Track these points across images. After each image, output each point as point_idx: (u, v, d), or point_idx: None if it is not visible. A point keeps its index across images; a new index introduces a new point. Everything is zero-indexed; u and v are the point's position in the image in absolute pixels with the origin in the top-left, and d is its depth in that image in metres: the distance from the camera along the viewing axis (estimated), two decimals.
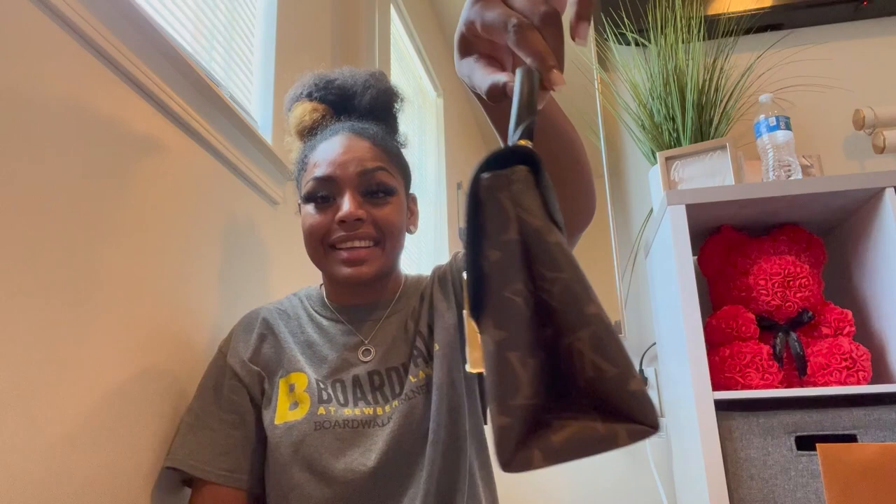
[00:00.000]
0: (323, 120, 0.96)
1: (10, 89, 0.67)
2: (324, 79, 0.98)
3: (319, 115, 0.96)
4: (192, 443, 0.85)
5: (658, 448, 1.61)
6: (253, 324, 0.95)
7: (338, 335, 0.92)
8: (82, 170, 0.76)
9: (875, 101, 1.66)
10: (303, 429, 0.83)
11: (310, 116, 0.96)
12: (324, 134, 0.93)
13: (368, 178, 0.87)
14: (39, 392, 0.68)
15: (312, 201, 0.89)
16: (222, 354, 0.92)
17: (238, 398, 0.88)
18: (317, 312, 0.95)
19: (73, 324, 0.73)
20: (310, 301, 0.98)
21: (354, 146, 0.89)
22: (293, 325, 0.94)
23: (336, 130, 0.92)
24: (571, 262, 0.35)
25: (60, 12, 0.73)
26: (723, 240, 1.43)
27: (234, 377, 0.89)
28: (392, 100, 1.00)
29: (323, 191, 0.88)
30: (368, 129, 0.92)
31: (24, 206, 0.68)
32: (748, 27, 1.73)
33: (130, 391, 0.82)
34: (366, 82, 0.98)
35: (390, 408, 0.85)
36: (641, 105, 1.67)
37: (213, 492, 0.84)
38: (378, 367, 0.88)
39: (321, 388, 0.87)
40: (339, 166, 0.87)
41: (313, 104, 0.97)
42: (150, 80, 0.89)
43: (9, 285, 0.65)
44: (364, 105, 0.97)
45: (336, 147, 0.89)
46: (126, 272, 0.83)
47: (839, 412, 1.19)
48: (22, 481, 0.64)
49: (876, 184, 1.28)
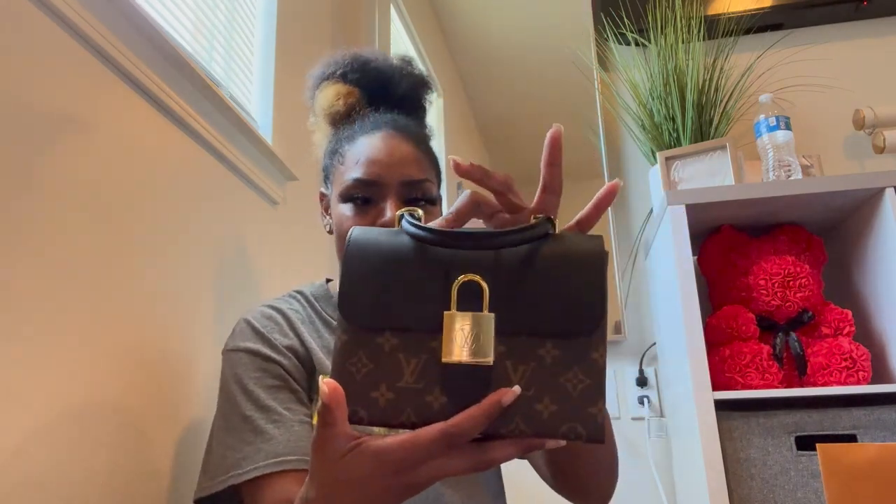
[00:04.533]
0: (357, 106, 0.91)
1: (11, 89, 0.67)
2: (359, 59, 0.92)
3: (354, 100, 0.91)
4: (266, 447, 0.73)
5: (658, 448, 1.61)
6: (268, 314, 0.85)
7: None
8: (82, 170, 0.76)
9: (875, 101, 1.66)
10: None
11: (344, 101, 0.90)
12: (363, 125, 0.88)
13: (413, 188, 0.83)
14: (16, 393, 0.68)
15: (351, 201, 0.83)
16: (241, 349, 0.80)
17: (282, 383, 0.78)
18: (330, 316, 0.89)
19: (71, 323, 0.73)
20: (319, 302, 0.91)
21: (400, 149, 0.84)
22: (309, 328, 0.86)
23: (378, 125, 0.87)
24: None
25: (60, 12, 0.73)
26: (723, 240, 1.43)
27: (270, 361, 0.79)
28: (425, 89, 0.96)
29: (364, 192, 0.83)
30: (410, 126, 0.87)
31: (24, 205, 0.67)
32: (748, 27, 1.73)
33: (125, 390, 0.82)
34: (402, 69, 0.93)
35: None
36: (641, 105, 1.67)
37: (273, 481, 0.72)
38: None
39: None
40: (384, 169, 0.82)
41: (348, 87, 0.91)
42: (150, 80, 0.89)
43: (8, 285, 0.65)
44: (399, 94, 0.92)
45: (380, 146, 0.84)
46: (125, 272, 0.83)
47: (839, 412, 1.19)
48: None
49: (876, 184, 1.28)
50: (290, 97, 1.41)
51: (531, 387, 0.47)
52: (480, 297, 0.47)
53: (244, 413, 0.75)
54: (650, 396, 1.65)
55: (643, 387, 1.66)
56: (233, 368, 0.80)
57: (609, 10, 1.81)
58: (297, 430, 0.74)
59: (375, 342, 0.48)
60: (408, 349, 0.48)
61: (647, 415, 1.63)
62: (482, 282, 0.47)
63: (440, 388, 0.47)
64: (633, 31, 1.75)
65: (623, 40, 1.79)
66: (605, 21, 1.80)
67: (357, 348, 0.48)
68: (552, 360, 0.47)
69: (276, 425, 0.74)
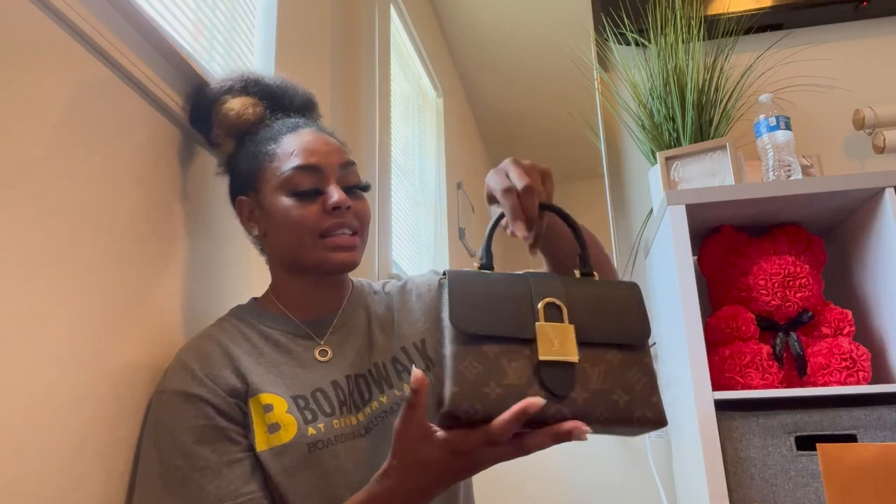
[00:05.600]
0: (264, 116, 0.94)
1: (11, 89, 0.67)
2: (252, 76, 0.97)
3: (261, 109, 0.95)
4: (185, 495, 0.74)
5: (658, 448, 1.61)
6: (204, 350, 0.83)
7: (300, 349, 0.87)
8: (81, 170, 0.76)
9: (875, 101, 1.66)
10: (295, 454, 0.78)
11: (252, 110, 0.93)
12: (282, 127, 0.91)
13: (348, 171, 0.89)
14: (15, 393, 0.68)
15: (295, 194, 0.85)
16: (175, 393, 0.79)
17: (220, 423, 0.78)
18: (268, 327, 0.88)
19: (65, 323, 0.73)
20: (253, 317, 0.89)
21: (329, 140, 0.90)
22: (246, 347, 0.85)
23: (298, 125, 0.91)
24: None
25: (60, 12, 0.73)
26: (723, 240, 1.43)
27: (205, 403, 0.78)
28: (313, 105, 1.03)
29: (308, 181, 0.85)
30: (323, 127, 0.94)
31: (24, 205, 0.67)
32: (748, 27, 1.73)
33: (122, 390, 0.82)
34: (289, 86, 0.99)
35: (363, 415, 0.85)
36: (641, 105, 1.67)
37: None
38: (350, 372, 0.87)
39: (301, 406, 0.81)
40: (323, 156, 0.87)
41: (254, 99, 0.95)
42: (150, 80, 0.89)
43: (7, 284, 0.65)
44: (296, 106, 0.98)
45: (311, 138, 0.88)
46: (124, 271, 0.83)
47: (839, 412, 1.19)
48: None
49: (876, 184, 1.28)
50: None
51: (607, 382, 0.61)
52: (560, 315, 0.62)
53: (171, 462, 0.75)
54: None
55: None
56: (159, 412, 0.79)
57: (609, 10, 1.80)
58: (225, 473, 0.75)
59: (481, 350, 0.60)
60: (508, 355, 0.60)
61: None
62: (560, 302, 0.63)
63: (538, 384, 0.59)
64: (633, 30, 1.75)
65: (623, 40, 1.79)
66: (605, 21, 1.80)
67: (467, 354, 0.59)
68: (617, 363, 0.62)
69: (201, 473, 0.74)
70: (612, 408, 0.60)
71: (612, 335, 0.63)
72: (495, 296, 0.62)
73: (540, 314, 0.61)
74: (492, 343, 0.60)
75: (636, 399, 0.61)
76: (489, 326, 0.61)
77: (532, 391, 0.58)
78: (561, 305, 0.62)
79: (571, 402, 0.59)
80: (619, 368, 0.62)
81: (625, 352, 0.63)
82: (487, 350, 0.60)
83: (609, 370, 0.61)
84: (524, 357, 0.60)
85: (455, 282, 0.63)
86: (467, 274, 0.64)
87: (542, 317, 0.61)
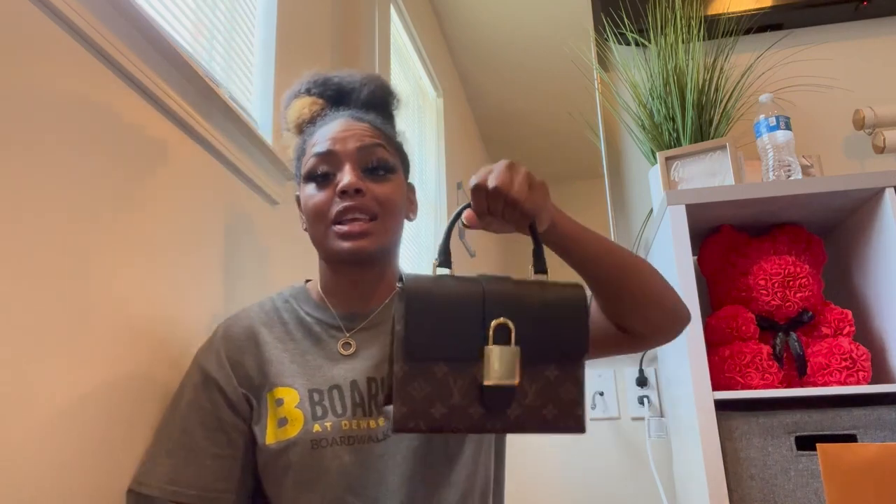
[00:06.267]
0: (322, 113, 0.95)
1: (11, 89, 0.67)
2: (322, 76, 0.98)
3: (319, 108, 0.95)
4: (169, 465, 0.81)
5: (658, 448, 1.61)
6: (235, 333, 0.89)
7: (330, 340, 0.88)
8: (81, 170, 0.76)
9: (875, 101, 1.66)
10: (298, 449, 0.80)
11: (309, 109, 0.95)
12: (322, 122, 0.92)
13: (368, 153, 0.87)
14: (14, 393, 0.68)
15: (313, 180, 0.87)
16: (202, 369, 0.86)
17: (224, 414, 0.84)
18: (307, 314, 0.91)
19: (68, 322, 0.73)
20: (296, 301, 0.93)
21: (353, 126, 0.89)
22: (279, 332, 0.89)
23: (334, 117, 0.91)
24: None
25: (60, 12, 0.73)
26: (723, 240, 1.43)
27: (219, 391, 0.84)
28: (389, 97, 1.00)
29: (323, 167, 0.86)
30: (365, 117, 0.92)
31: (24, 205, 0.67)
32: (748, 27, 1.73)
33: (121, 392, 0.82)
34: (363, 79, 0.98)
35: (383, 421, 0.82)
36: (641, 105, 1.67)
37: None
38: (374, 374, 0.85)
39: (315, 401, 0.83)
40: (338, 142, 0.86)
41: (312, 98, 0.96)
42: (150, 80, 0.89)
43: (6, 284, 0.65)
44: (362, 99, 0.96)
45: (335, 126, 0.89)
46: (124, 271, 0.83)
47: (839, 412, 1.19)
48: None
49: (876, 184, 1.28)
50: None
51: (540, 398, 0.65)
52: (508, 337, 0.64)
53: (175, 424, 0.83)
54: (650, 396, 1.65)
55: (643, 387, 1.66)
56: (186, 378, 0.87)
57: (609, 10, 1.80)
58: (208, 464, 0.81)
59: (430, 370, 0.63)
60: (455, 374, 0.63)
61: (647, 415, 1.63)
62: (511, 324, 0.64)
63: (478, 402, 0.64)
64: (633, 30, 1.75)
65: (623, 40, 1.78)
66: (605, 21, 1.80)
67: (416, 376, 0.62)
68: (553, 378, 0.67)
69: (188, 453, 0.82)
70: (541, 421, 0.65)
71: (554, 351, 0.67)
72: (447, 312, 0.65)
73: (489, 336, 0.64)
74: (442, 364, 0.63)
75: (563, 412, 0.66)
76: (440, 350, 0.64)
77: (473, 409, 0.63)
78: (510, 327, 0.64)
79: (505, 419, 0.64)
80: (554, 383, 0.66)
81: (562, 366, 0.67)
82: (437, 370, 0.63)
83: (545, 386, 0.66)
84: (470, 376, 0.64)
85: (412, 295, 0.65)
86: (424, 283, 0.66)
87: (490, 339, 0.64)
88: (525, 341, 0.65)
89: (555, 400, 0.66)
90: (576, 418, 0.67)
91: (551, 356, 0.67)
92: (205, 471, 0.81)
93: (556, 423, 0.66)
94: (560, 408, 0.66)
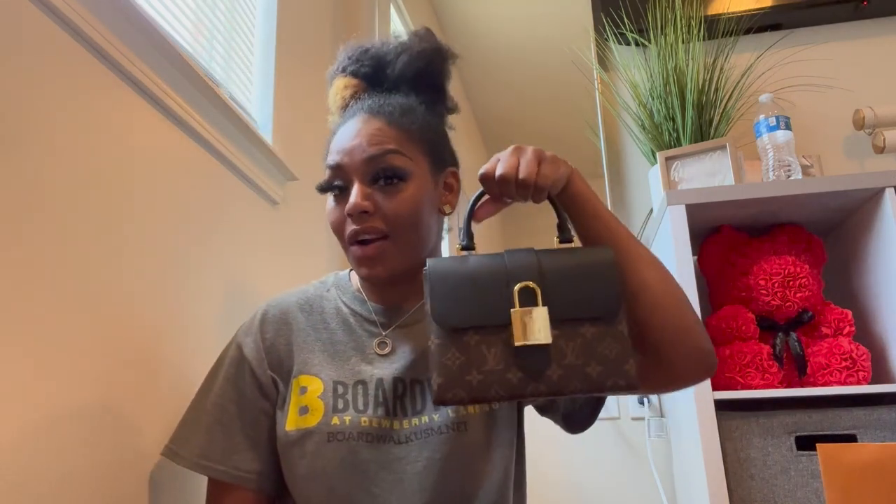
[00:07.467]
0: (355, 96, 0.90)
1: (10, 89, 0.67)
2: (359, 49, 0.92)
3: (350, 91, 0.91)
4: (202, 439, 0.82)
5: (658, 448, 1.61)
6: (273, 315, 0.89)
7: (364, 335, 0.86)
8: (81, 170, 0.76)
9: (875, 101, 1.66)
10: (314, 440, 0.79)
11: (341, 94, 0.91)
12: (344, 117, 0.88)
13: (375, 163, 0.81)
14: (21, 387, 0.68)
15: (330, 191, 0.85)
16: (239, 347, 0.87)
17: (253, 396, 0.85)
18: (345, 304, 0.89)
19: (67, 323, 0.73)
20: (339, 290, 0.91)
21: (366, 129, 0.82)
22: (315, 320, 0.88)
23: (354, 112, 0.86)
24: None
25: (60, 12, 0.73)
26: (723, 240, 1.43)
27: (251, 374, 0.85)
28: (429, 65, 0.90)
29: (336, 180, 0.83)
30: (387, 105, 0.85)
31: (24, 205, 0.67)
32: (748, 27, 1.73)
33: (122, 392, 0.82)
34: (398, 48, 0.90)
35: (409, 424, 0.81)
36: (641, 105, 1.67)
37: (228, 492, 0.82)
38: (403, 375, 0.83)
39: (338, 394, 0.82)
40: (346, 153, 0.82)
41: (346, 80, 0.91)
42: (150, 80, 0.89)
43: (5, 284, 0.65)
44: (396, 74, 0.90)
45: (349, 131, 0.84)
46: (124, 272, 0.83)
47: (839, 412, 1.19)
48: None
49: (876, 184, 1.28)
50: (290, 97, 1.41)
51: (581, 356, 0.65)
52: (534, 298, 0.65)
53: (210, 398, 0.85)
54: (650, 396, 1.65)
55: None
56: (225, 352, 0.88)
57: (609, 10, 1.80)
58: (237, 440, 0.83)
59: (462, 340, 0.64)
60: (487, 342, 0.64)
61: (647, 415, 1.63)
62: (534, 285, 0.65)
63: (516, 367, 0.64)
64: (633, 31, 1.75)
65: (623, 40, 1.78)
66: (605, 21, 1.80)
67: (449, 346, 0.64)
68: (591, 336, 0.66)
69: (221, 427, 0.83)
70: (586, 380, 0.64)
71: (586, 310, 0.67)
72: (472, 284, 0.66)
73: (514, 300, 0.65)
74: (472, 332, 0.65)
75: (609, 369, 0.65)
76: (468, 319, 0.65)
77: (511, 374, 0.64)
78: (535, 288, 0.65)
79: (547, 380, 0.64)
80: (593, 341, 0.65)
81: (598, 324, 0.66)
82: (468, 340, 0.64)
83: (584, 344, 0.65)
84: (502, 342, 0.64)
85: (435, 275, 0.67)
86: (446, 264, 0.68)
87: (516, 302, 0.65)
88: (554, 302, 0.65)
89: (598, 357, 0.65)
90: (624, 374, 0.65)
91: (584, 315, 0.66)
92: (236, 448, 0.83)
93: (603, 380, 0.64)
94: (605, 364, 0.65)
